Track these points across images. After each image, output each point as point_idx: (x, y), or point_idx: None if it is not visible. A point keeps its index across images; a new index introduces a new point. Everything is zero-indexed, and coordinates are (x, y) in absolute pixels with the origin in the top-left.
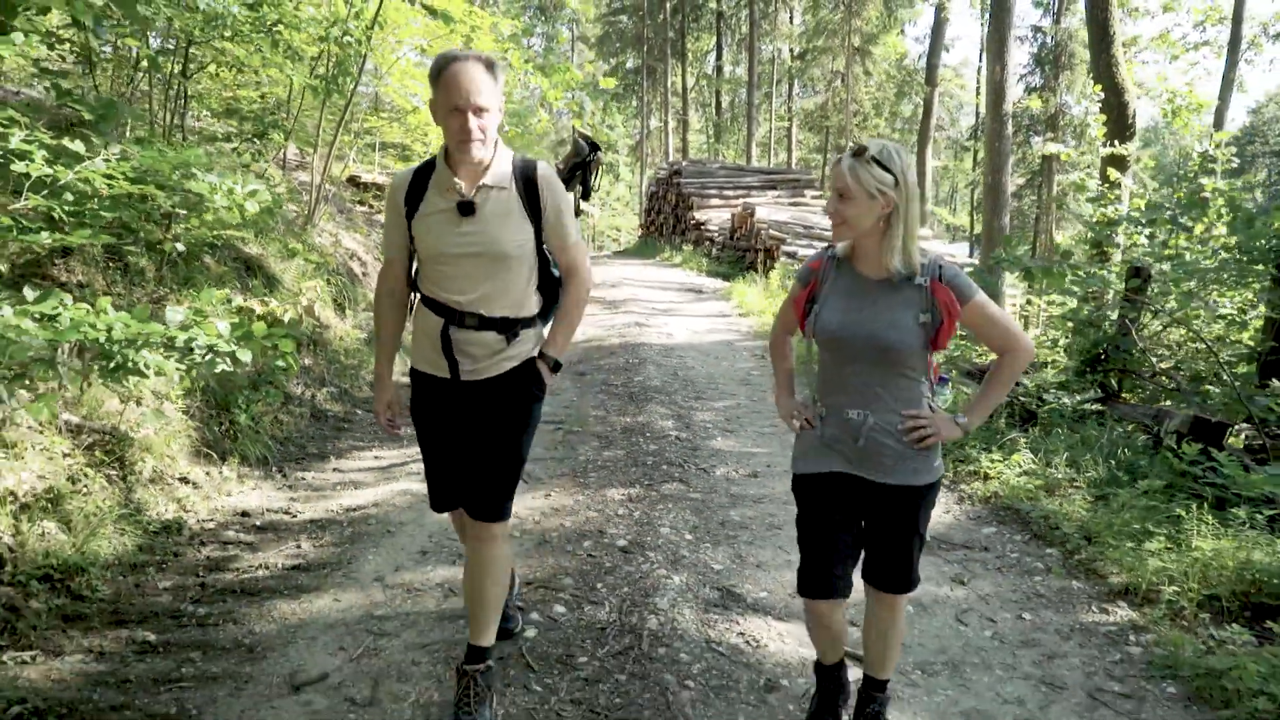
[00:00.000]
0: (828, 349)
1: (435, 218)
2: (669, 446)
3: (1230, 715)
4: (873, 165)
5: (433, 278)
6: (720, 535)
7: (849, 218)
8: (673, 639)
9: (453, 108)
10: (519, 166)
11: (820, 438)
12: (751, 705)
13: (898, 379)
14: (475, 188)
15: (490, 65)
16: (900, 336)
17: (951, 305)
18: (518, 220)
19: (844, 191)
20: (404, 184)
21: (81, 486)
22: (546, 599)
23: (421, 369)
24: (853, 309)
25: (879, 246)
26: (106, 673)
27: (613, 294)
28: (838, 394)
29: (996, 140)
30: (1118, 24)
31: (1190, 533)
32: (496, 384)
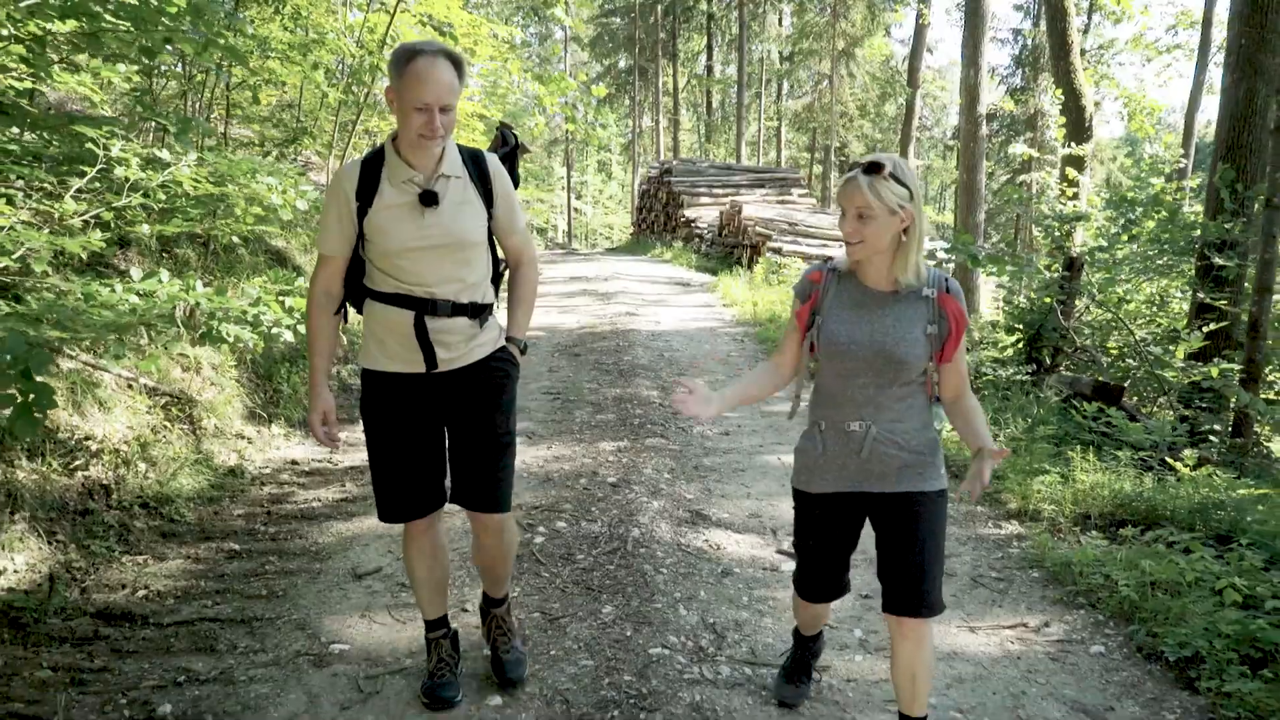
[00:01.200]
0: (833, 362)
1: (394, 211)
2: (653, 411)
3: (1074, 588)
4: (890, 181)
5: (393, 272)
6: (693, 475)
7: (868, 236)
8: (651, 543)
9: (419, 105)
10: (467, 154)
11: (821, 454)
12: (710, 584)
13: (902, 390)
14: (435, 177)
15: (457, 63)
16: (910, 348)
17: (960, 317)
18: (474, 206)
19: (864, 210)
20: (353, 177)
21: (161, 437)
22: (550, 518)
23: (381, 369)
24: (861, 321)
25: (887, 259)
26: (205, 570)
27: (605, 287)
28: (839, 408)
29: (971, 141)
30: (1075, 35)
31: (1075, 469)
32: (473, 373)
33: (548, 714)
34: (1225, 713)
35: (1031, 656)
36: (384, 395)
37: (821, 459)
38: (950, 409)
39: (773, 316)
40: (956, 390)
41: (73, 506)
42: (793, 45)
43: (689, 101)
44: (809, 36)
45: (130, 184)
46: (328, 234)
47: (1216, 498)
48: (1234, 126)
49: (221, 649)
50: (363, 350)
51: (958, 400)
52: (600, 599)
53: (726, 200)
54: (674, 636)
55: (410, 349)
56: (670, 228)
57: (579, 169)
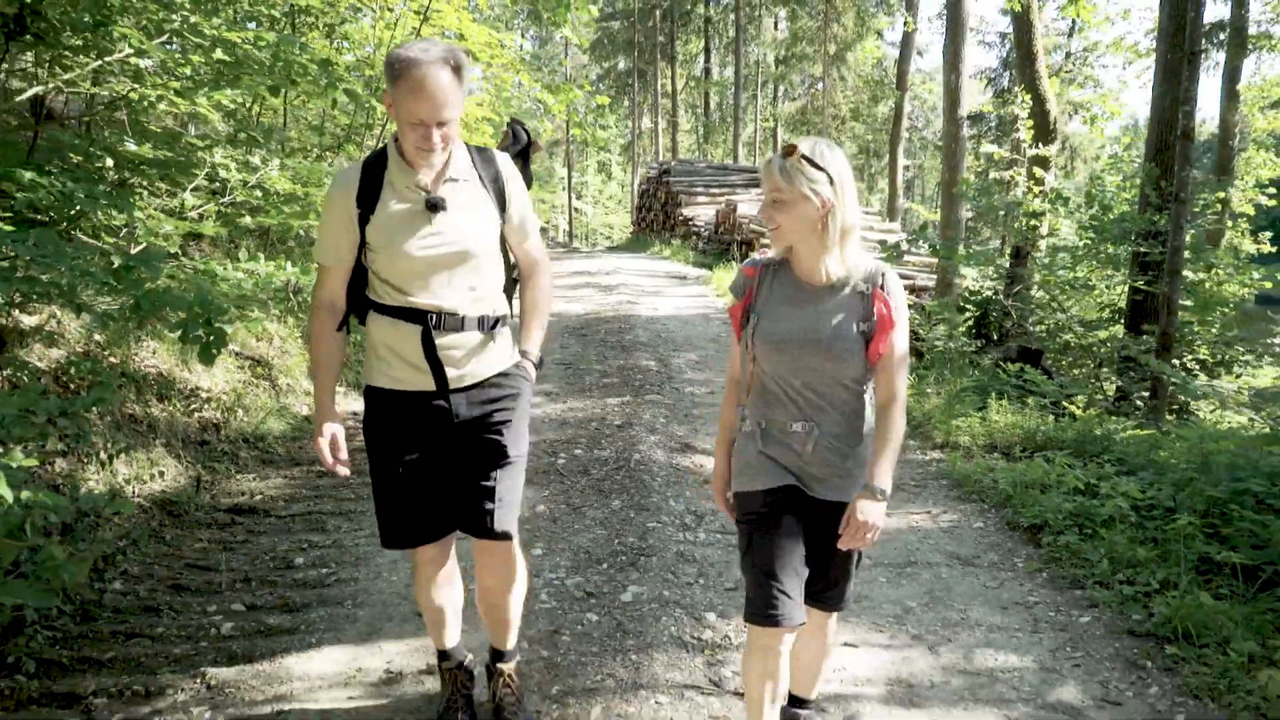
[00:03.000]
0: (769, 359)
1: (399, 217)
2: (651, 377)
3: (970, 489)
4: (804, 165)
5: (399, 284)
6: (684, 420)
7: (783, 223)
8: (649, 463)
9: (416, 120)
10: (478, 157)
11: (760, 450)
12: (694, 488)
13: (841, 390)
14: (440, 183)
15: (458, 68)
16: (845, 344)
17: (887, 317)
18: (485, 211)
19: (776, 195)
20: (352, 183)
21: (250, 390)
22: (569, 447)
23: (386, 386)
24: (794, 316)
25: (818, 250)
26: (302, 484)
27: (608, 280)
28: (779, 407)
29: (953, 142)
30: (1039, 44)
31: (992, 412)
32: (482, 390)
33: (575, 561)
34: (1054, 555)
35: (927, 529)
36: (389, 414)
37: (761, 455)
38: (878, 412)
39: None
40: (884, 396)
41: (194, 438)
42: (786, 49)
43: (687, 103)
44: (802, 41)
45: (230, 185)
46: (326, 243)
47: (1094, 431)
48: (1160, 131)
49: (329, 529)
50: (366, 366)
51: (885, 407)
52: (610, 496)
53: (723, 199)
54: (666, 517)
55: (417, 366)
56: (669, 226)
57: (579, 169)
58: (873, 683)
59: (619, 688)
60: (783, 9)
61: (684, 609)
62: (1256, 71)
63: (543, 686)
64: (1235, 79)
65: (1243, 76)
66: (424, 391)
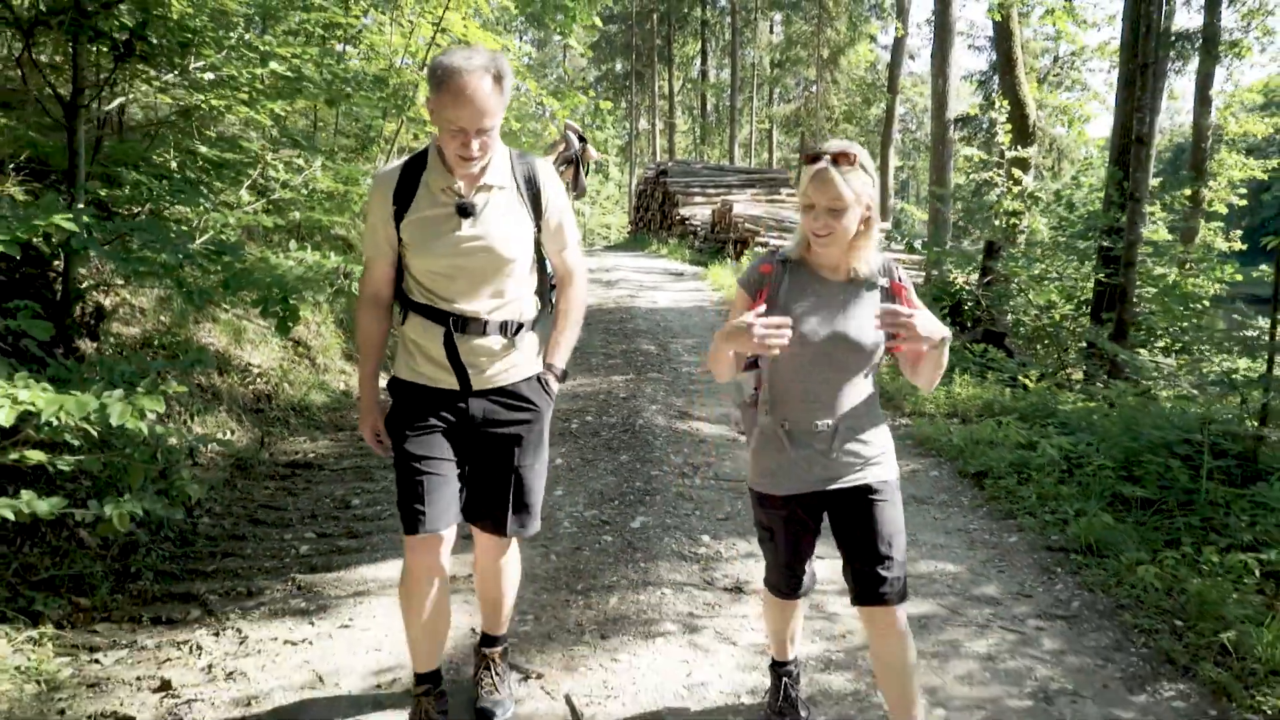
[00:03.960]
0: (791, 356)
1: (430, 220)
2: (652, 359)
3: (931, 447)
4: (859, 170)
5: (427, 284)
6: (681, 393)
7: (839, 230)
8: (651, 427)
9: (457, 128)
10: (518, 163)
11: (786, 455)
12: (690, 445)
13: (859, 382)
14: (475, 188)
15: (499, 76)
16: (870, 338)
17: (911, 305)
18: (519, 220)
19: (836, 204)
20: (391, 180)
21: (293, 367)
22: (581, 415)
23: (411, 380)
24: (819, 313)
25: (844, 249)
26: (348, 445)
27: (608, 276)
28: (801, 404)
29: (940, 144)
30: (1019, 52)
31: (955, 385)
32: (503, 398)
33: (591, 499)
34: (994, 495)
35: None
36: (412, 407)
37: (786, 460)
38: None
39: None
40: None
41: (250, 406)
42: (781, 53)
43: (684, 105)
44: (796, 45)
45: (281, 183)
46: (370, 237)
47: (1045, 402)
48: (1122, 135)
49: (377, 478)
50: (396, 359)
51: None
52: (618, 452)
53: (719, 199)
54: (667, 467)
55: (441, 365)
56: (666, 225)
57: None
58: (834, 583)
59: (631, 585)
60: (777, 13)
61: (683, 532)
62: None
63: (570, 584)
64: (1208, 84)
65: (1215, 82)
66: (445, 389)
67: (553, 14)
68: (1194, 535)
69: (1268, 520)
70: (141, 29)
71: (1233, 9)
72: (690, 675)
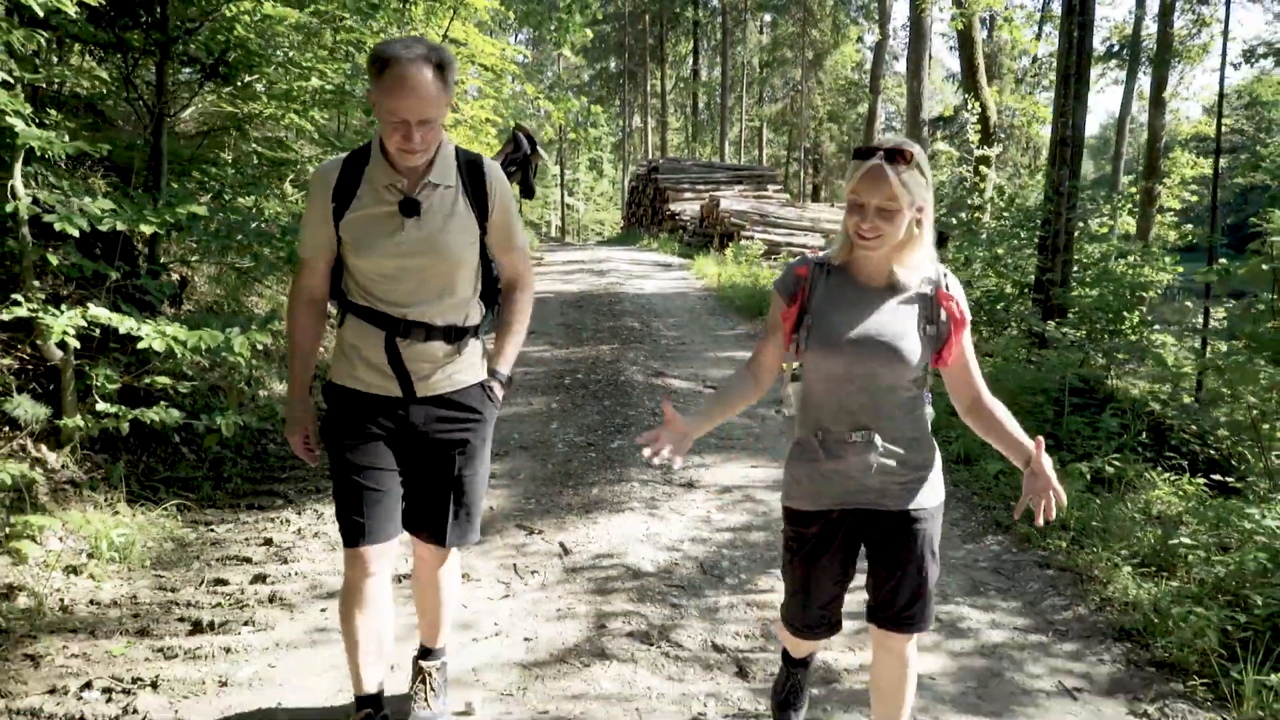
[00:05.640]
0: (825, 365)
1: (372, 218)
2: (635, 333)
3: None
4: (916, 171)
5: (367, 285)
6: (659, 359)
7: (889, 232)
8: (632, 382)
9: (399, 119)
10: (463, 160)
11: (821, 468)
12: (664, 394)
13: (900, 394)
14: (420, 186)
15: (441, 66)
16: (911, 347)
17: (960, 316)
18: (464, 219)
19: (890, 204)
20: (331, 175)
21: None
22: (573, 373)
23: (349, 385)
24: (855, 320)
25: (888, 252)
26: None
27: (599, 266)
28: (836, 417)
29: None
30: (980, 59)
31: None
32: (445, 406)
33: (579, 429)
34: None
35: None
36: (349, 414)
37: (820, 474)
38: (969, 416)
39: (732, 284)
40: (971, 395)
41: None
42: (769, 54)
43: (676, 103)
44: (783, 46)
45: None
46: (306, 235)
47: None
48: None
49: None
50: (332, 363)
51: (976, 406)
52: (602, 399)
53: (708, 195)
54: (641, 409)
55: (381, 370)
56: (657, 221)
57: (571, 167)
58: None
59: (608, 482)
60: (766, 15)
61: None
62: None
63: (562, 482)
64: (1162, 87)
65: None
66: (384, 396)
67: (548, 25)
68: (1049, 452)
69: (1102, 439)
70: (223, 54)
71: (1183, 16)
72: (648, 530)
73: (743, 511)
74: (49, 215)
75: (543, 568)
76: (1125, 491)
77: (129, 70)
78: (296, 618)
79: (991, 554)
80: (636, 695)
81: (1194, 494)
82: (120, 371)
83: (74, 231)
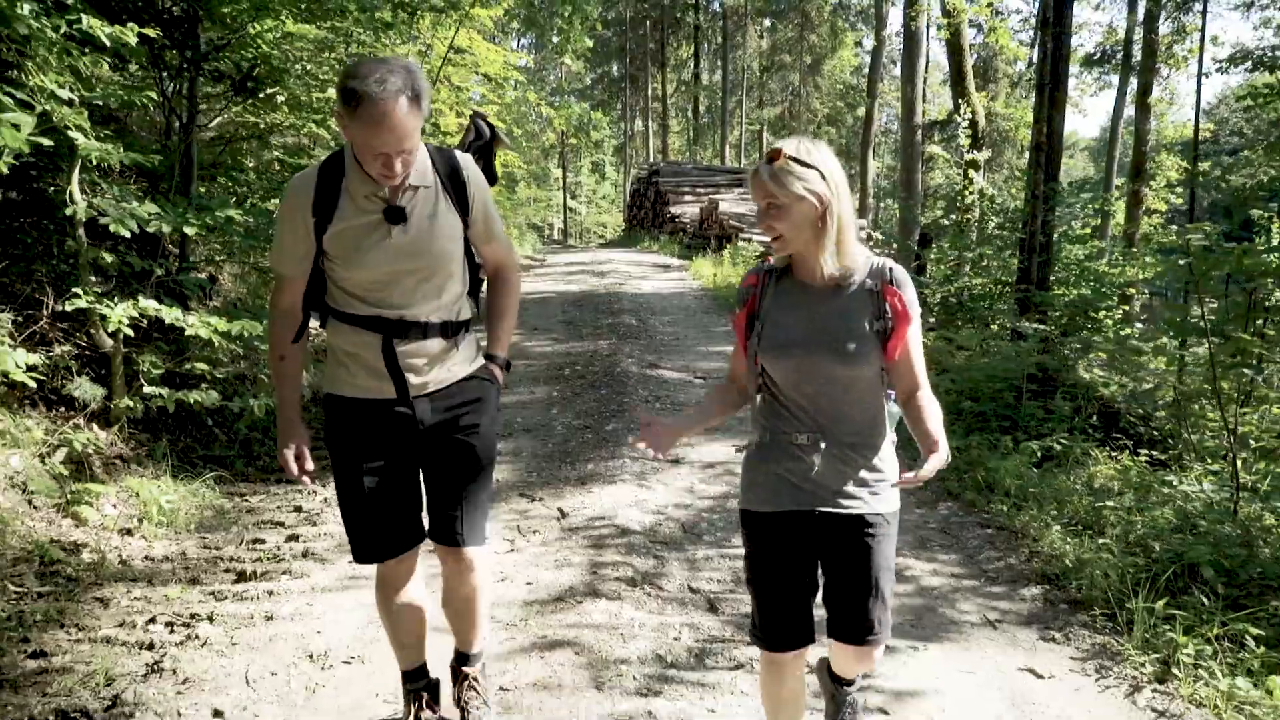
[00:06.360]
0: (775, 368)
1: (358, 229)
2: (632, 329)
3: None
4: (793, 165)
5: (359, 293)
6: (653, 352)
7: (783, 230)
8: (627, 373)
9: (375, 152)
10: (438, 158)
11: (769, 470)
12: (654, 385)
13: (852, 394)
14: (401, 190)
15: (416, 95)
16: (859, 345)
17: (903, 311)
18: (446, 217)
19: (771, 201)
20: (308, 190)
21: None
22: (571, 365)
23: (348, 394)
24: (801, 320)
25: (817, 250)
26: None
27: (600, 268)
28: (786, 419)
29: (909, 146)
30: (969, 66)
31: None
32: (447, 396)
33: (577, 414)
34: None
35: None
36: (351, 423)
37: (770, 475)
38: (905, 408)
39: (727, 284)
40: (909, 388)
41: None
42: (768, 59)
43: (677, 107)
44: (782, 51)
45: None
46: (283, 252)
47: (939, 358)
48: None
49: None
50: (327, 373)
51: (910, 398)
52: (599, 388)
53: (707, 198)
54: (635, 397)
55: (378, 375)
56: (658, 223)
57: (574, 170)
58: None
59: (602, 459)
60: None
61: None
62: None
63: (561, 459)
64: (1147, 92)
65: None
66: (386, 399)
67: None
68: (1008, 433)
69: (1055, 421)
70: (252, 70)
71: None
72: (637, 498)
73: (723, 484)
74: (104, 218)
75: (543, 528)
76: (1072, 467)
77: (165, 85)
78: (328, 568)
79: (940, 517)
80: (622, 625)
81: (1131, 468)
82: (163, 358)
83: (125, 232)
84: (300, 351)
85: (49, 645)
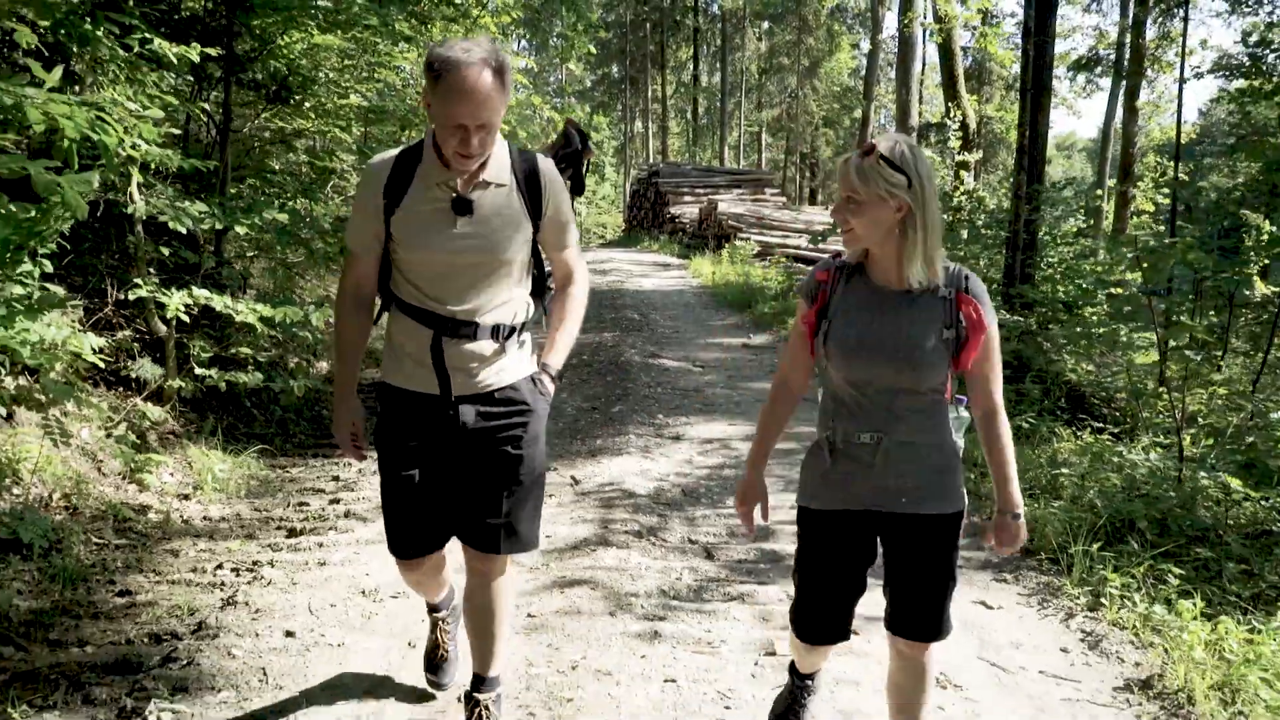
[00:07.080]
0: (842, 367)
1: (424, 215)
2: (635, 323)
3: None
4: (883, 165)
5: (417, 282)
6: (655, 343)
7: (857, 225)
8: (631, 362)
9: (457, 124)
10: (518, 159)
11: (830, 468)
12: (657, 372)
13: (918, 399)
14: (473, 184)
15: (500, 70)
16: (925, 353)
17: (977, 321)
18: (517, 219)
19: (851, 195)
20: (383, 172)
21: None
22: (578, 355)
23: (398, 384)
24: (871, 322)
25: (896, 255)
26: None
27: (601, 267)
28: (850, 418)
29: None
30: (960, 70)
31: None
32: (494, 402)
33: (586, 398)
34: None
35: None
36: (399, 413)
37: (830, 473)
38: (980, 426)
39: (725, 281)
40: (984, 406)
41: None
42: (766, 61)
43: (677, 108)
44: (780, 54)
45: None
46: (354, 229)
47: None
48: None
49: None
50: (384, 362)
51: (987, 419)
52: (606, 377)
53: (707, 199)
54: (638, 384)
55: (425, 369)
56: (658, 224)
57: None
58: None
59: (609, 435)
60: (764, 23)
61: (645, 414)
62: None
63: (571, 436)
64: (1135, 95)
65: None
66: (431, 394)
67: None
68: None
69: (1026, 404)
70: (285, 79)
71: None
72: (642, 468)
73: (719, 456)
74: (162, 216)
75: (558, 493)
76: (1039, 444)
77: (205, 94)
78: (369, 525)
79: None
80: (630, 568)
81: (1093, 444)
82: (209, 343)
83: (182, 229)
84: (363, 331)
85: (133, 586)
